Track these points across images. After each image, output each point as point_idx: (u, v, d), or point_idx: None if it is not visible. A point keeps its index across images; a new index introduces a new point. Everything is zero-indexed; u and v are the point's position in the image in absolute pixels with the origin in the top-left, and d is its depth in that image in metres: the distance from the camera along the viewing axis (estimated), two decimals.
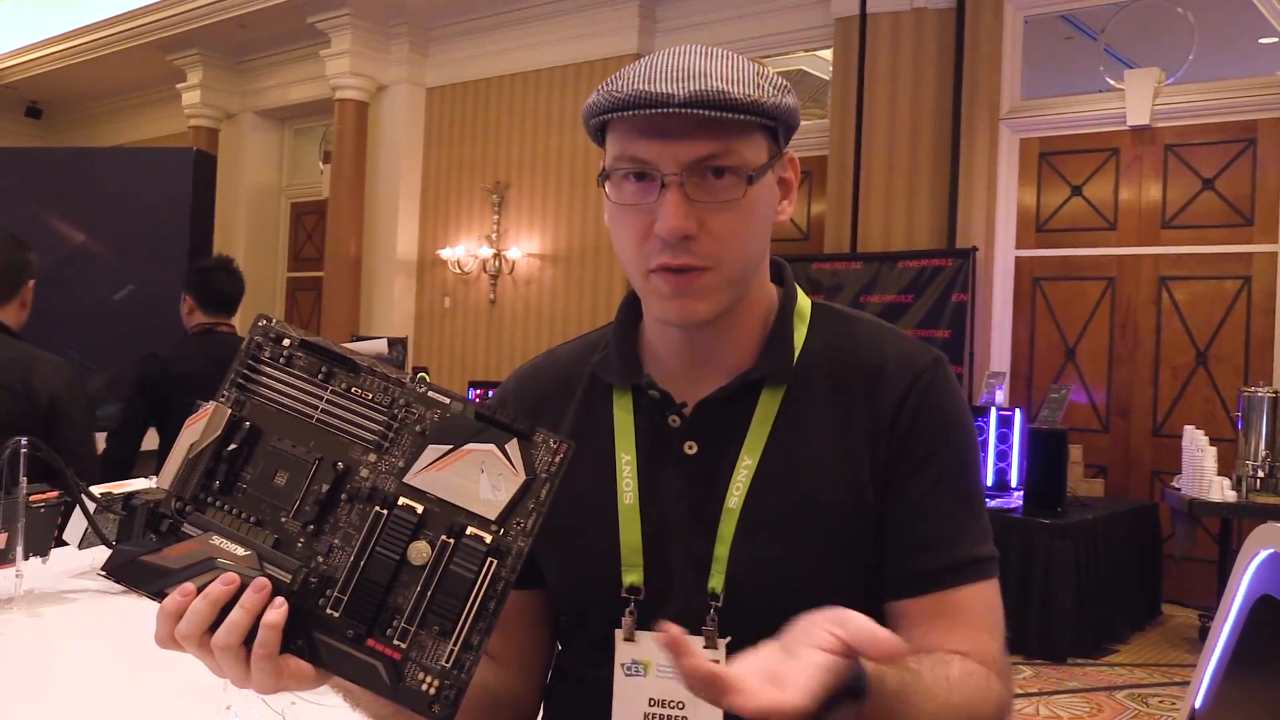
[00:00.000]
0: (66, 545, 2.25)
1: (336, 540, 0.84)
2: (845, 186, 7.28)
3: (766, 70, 1.02)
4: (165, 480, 0.86)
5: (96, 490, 2.15)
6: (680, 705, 1.01)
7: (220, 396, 0.87)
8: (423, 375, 0.88)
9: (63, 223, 7.27)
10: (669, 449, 1.06)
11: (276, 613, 0.80)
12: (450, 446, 0.84)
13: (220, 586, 0.80)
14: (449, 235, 9.44)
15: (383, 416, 0.85)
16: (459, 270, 9.28)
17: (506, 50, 9.09)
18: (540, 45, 8.87)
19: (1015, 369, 6.98)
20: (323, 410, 0.86)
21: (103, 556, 2.18)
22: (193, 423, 0.87)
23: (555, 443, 0.84)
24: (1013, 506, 5.71)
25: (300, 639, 0.82)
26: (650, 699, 1.02)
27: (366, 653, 0.82)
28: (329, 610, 0.82)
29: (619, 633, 1.04)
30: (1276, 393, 5.49)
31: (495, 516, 0.82)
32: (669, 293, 1.00)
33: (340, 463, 0.85)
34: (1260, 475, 5.49)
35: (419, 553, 0.82)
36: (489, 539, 0.82)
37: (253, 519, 0.85)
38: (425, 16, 9.36)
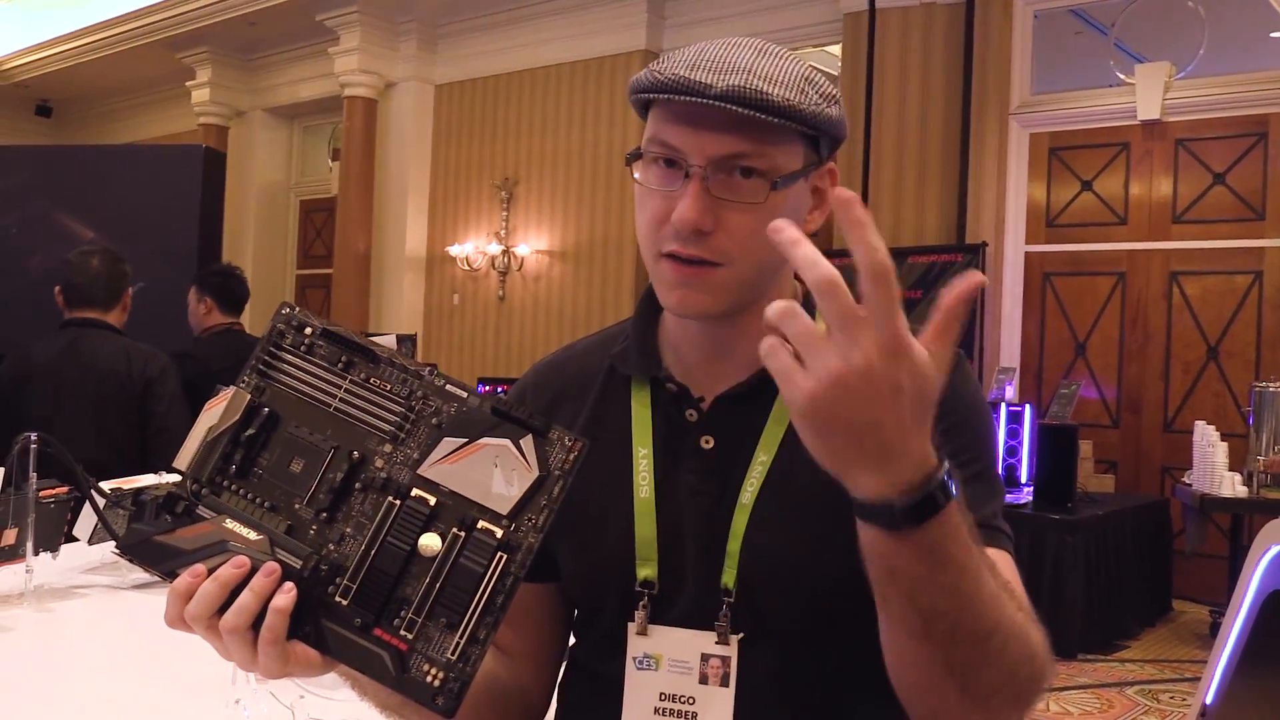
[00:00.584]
0: (76, 541, 2.26)
1: (349, 529, 0.84)
2: (854, 182, 7.26)
3: (818, 77, 1.00)
4: (182, 462, 0.86)
5: (106, 486, 2.16)
6: (690, 700, 1.01)
7: (240, 381, 0.87)
8: (434, 368, 0.88)
9: (72, 220, 7.29)
10: (685, 443, 1.06)
11: (285, 597, 0.80)
12: (465, 440, 0.84)
13: (231, 569, 0.81)
14: (458, 232, 9.44)
15: (400, 408, 0.85)
16: (468, 267, 9.29)
17: (515, 47, 9.09)
18: (549, 42, 8.87)
19: (1025, 364, 6.96)
20: (341, 399, 0.86)
21: (112, 552, 2.19)
22: (212, 406, 0.87)
23: (570, 440, 0.83)
24: (1023, 502, 5.70)
25: (308, 625, 0.82)
26: (661, 693, 1.01)
27: (373, 642, 0.82)
28: (338, 598, 0.83)
29: (632, 626, 1.03)
30: None
31: (507, 511, 0.82)
32: (674, 281, 1.00)
33: (356, 452, 0.85)
34: (1272, 471, 5.46)
35: (429, 544, 0.82)
36: (499, 533, 0.82)
37: (267, 504, 0.85)
38: (434, 13, 9.37)
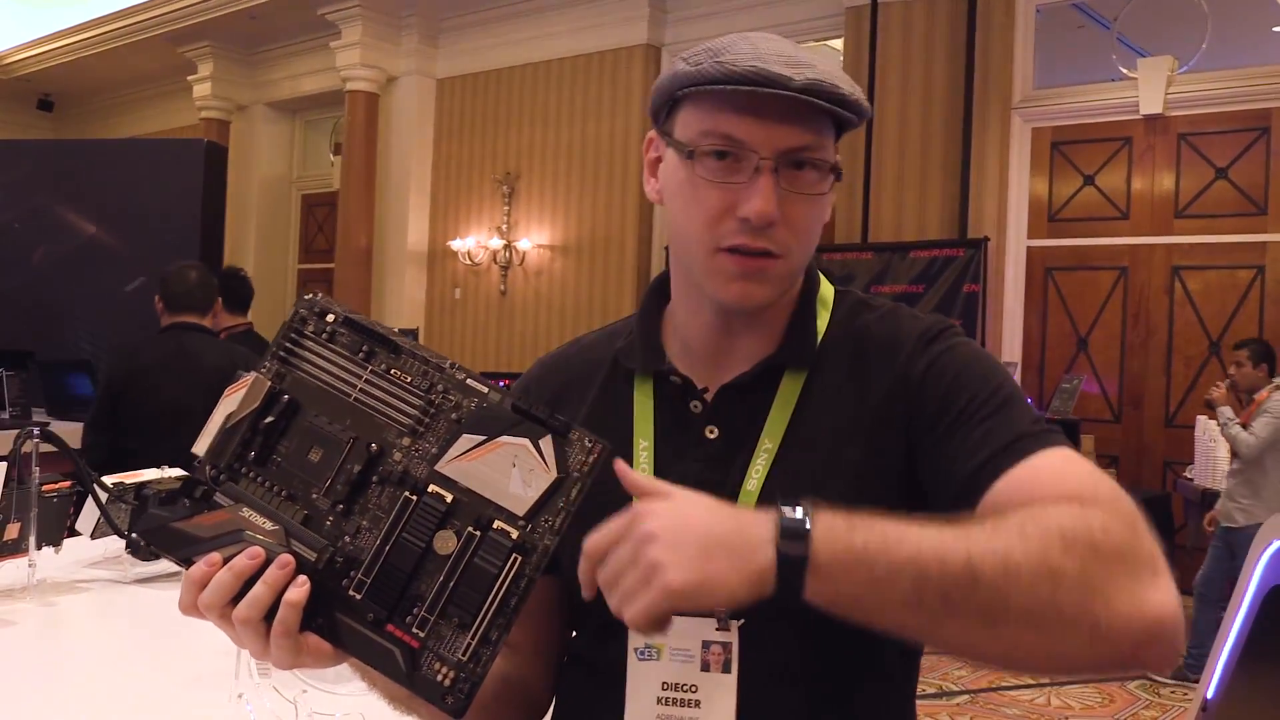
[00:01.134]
0: (79, 535, 2.26)
1: (365, 521, 0.84)
2: (856, 176, 7.25)
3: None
4: (200, 448, 0.86)
5: (109, 480, 2.16)
6: (694, 689, 1.01)
7: (261, 368, 0.87)
8: (455, 362, 0.88)
9: (74, 214, 7.30)
10: (690, 434, 1.06)
11: (298, 591, 0.80)
12: (484, 437, 0.83)
13: (245, 560, 0.81)
14: (459, 226, 9.44)
15: (420, 400, 0.85)
16: (469, 261, 9.28)
17: (517, 41, 9.08)
18: (550, 36, 8.85)
19: (1027, 359, 6.96)
20: (361, 389, 0.86)
21: (115, 546, 2.19)
22: (231, 392, 0.87)
23: (590, 442, 0.83)
24: None
25: (321, 618, 0.82)
26: (664, 683, 1.01)
27: (385, 638, 0.82)
28: (351, 592, 0.82)
29: None
30: None
31: (523, 513, 0.82)
32: (736, 274, 1.00)
33: (374, 444, 0.84)
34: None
35: (444, 542, 0.82)
36: (515, 535, 0.81)
37: (284, 493, 0.85)
38: (435, 7, 9.35)
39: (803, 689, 1.01)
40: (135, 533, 0.86)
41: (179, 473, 2.26)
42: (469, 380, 0.85)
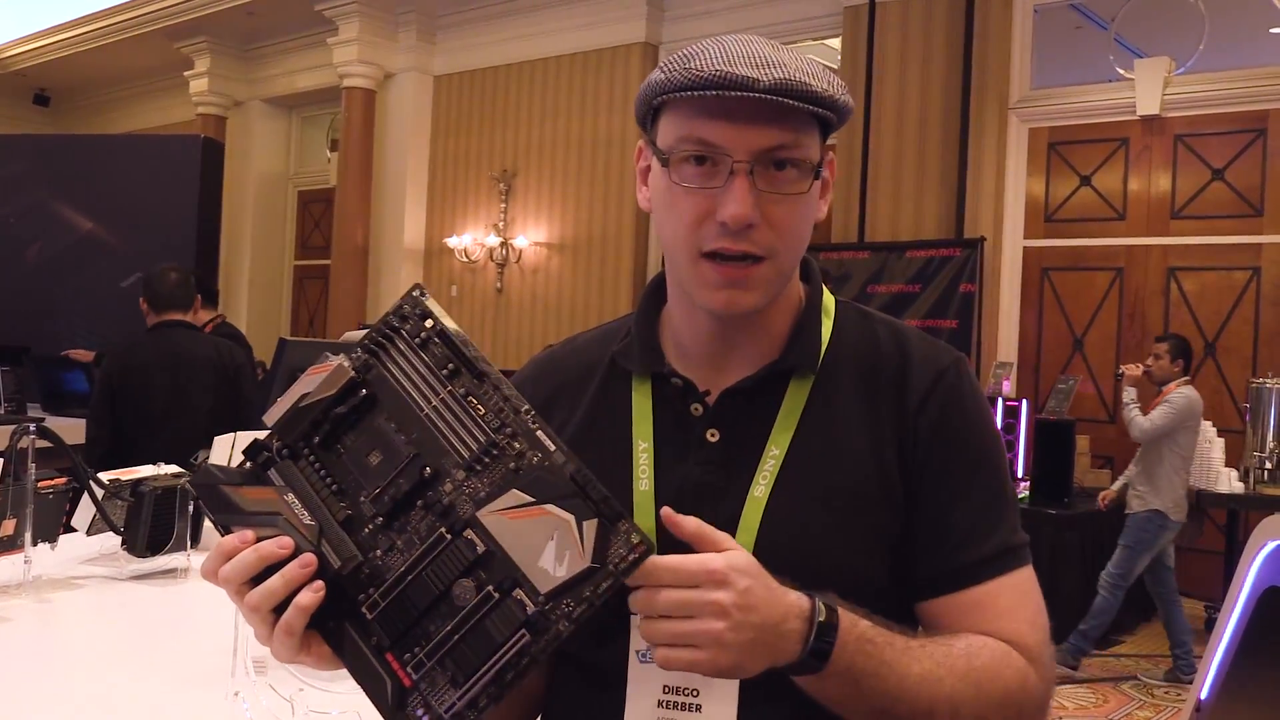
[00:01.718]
0: (75, 531, 2.26)
1: (400, 541, 0.83)
2: (853, 176, 7.25)
3: (827, 68, 1.02)
4: (271, 418, 0.86)
5: (105, 476, 2.16)
6: (695, 692, 1.01)
7: (351, 355, 0.87)
8: (532, 410, 0.88)
9: (71, 210, 7.28)
10: (690, 437, 1.06)
11: (311, 596, 0.81)
12: (533, 500, 0.81)
13: (274, 547, 0.82)
14: (456, 224, 9.43)
15: (486, 438, 0.83)
16: (466, 259, 9.28)
17: (514, 38, 9.07)
18: (548, 34, 8.85)
19: (1023, 359, 6.97)
20: (435, 406, 0.85)
21: (111, 543, 2.19)
22: (314, 373, 0.86)
23: (636, 539, 0.81)
24: (1020, 497, 5.70)
25: (333, 623, 0.82)
26: (665, 686, 1.01)
27: (382, 665, 0.81)
28: (365, 610, 0.82)
29: (635, 619, 1.03)
30: None
31: (545, 591, 0.80)
32: (720, 282, 1.00)
33: (430, 467, 0.83)
34: (1268, 467, 5.47)
35: (463, 591, 0.81)
36: (531, 609, 0.80)
37: (336, 486, 0.85)
38: (433, 4, 9.35)
39: (804, 695, 1.01)
40: (190, 483, 0.87)
41: (175, 469, 2.26)
42: (539, 432, 0.83)
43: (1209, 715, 0.76)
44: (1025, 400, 6.06)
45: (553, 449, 0.82)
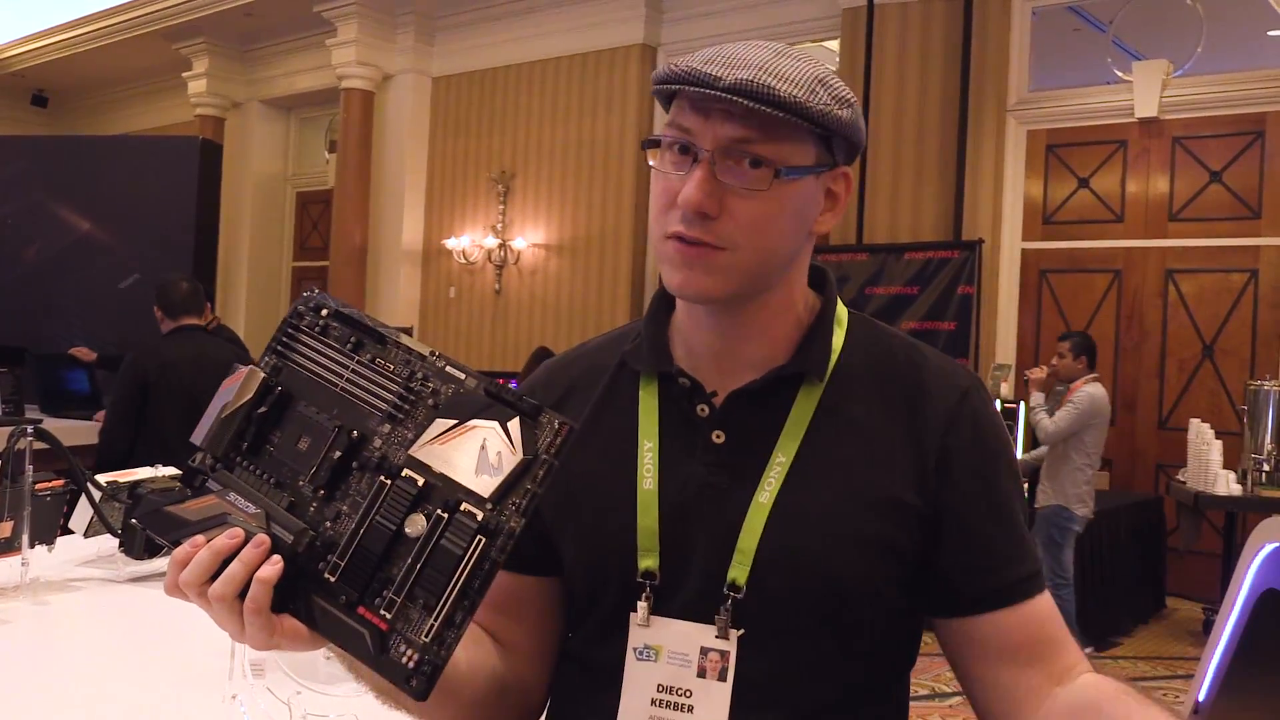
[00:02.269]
0: (72, 534, 2.26)
1: (345, 507, 0.85)
2: (851, 178, 7.25)
3: (834, 81, 1.02)
4: (198, 437, 0.89)
5: (102, 479, 2.16)
6: (688, 693, 1.01)
7: (260, 361, 0.90)
8: (437, 352, 0.90)
9: (68, 211, 7.28)
10: (696, 437, 1.06)
11: (270, 569, 0.82)
12: (456, 421, 0.84)
13: (224, 539, 0.83)
14: (454, 225, 9.43)
15: (400, 388, 0.87)
16: (464, 260, 9.28)
17: (512, 40, 9.07)
18: (546, 35, 8.85)
19: (1021, 361, 6.96)
20: (348, 379, 0.88)
21: (109, 545, 2.19)
22: (229, 384, 0.90)
23: (559, 423, 0.83)
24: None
25: (300, 600, 0.83)
26: (659, 684, 1.02)
27: (356, 620, 0.83)
28: (327, 575, 0.84)
29: (634, 617, 1.04)
30: None
31: (489, 494, 0.83)
32: (677, 261, 1.01)
33: (356, 431, 0.86)
34: (1266, 469, 5.48)
35: (415, 525, 0.83)
36: (480, 516, 0.82)
37: (274, 480, 0.87)
38: (431, 6, 9.35)
39: (797, 704, 1.01)
40: (134, 518, 0.89)
41: (172, 471, 2.26)
42: (449, 368, 0.86)
43: (1207, 717, 0.76)
44: (1023, 402, 6.06)
45: (464, 377, 0.86)
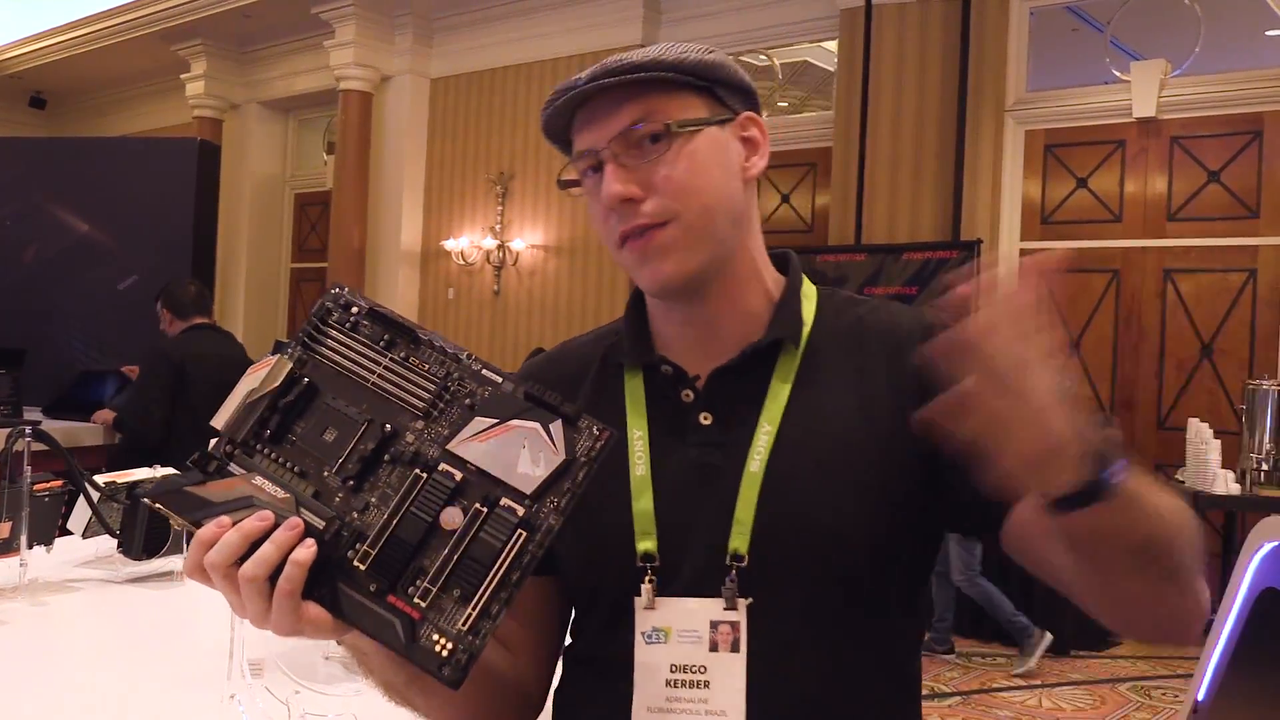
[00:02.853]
0: (70, 534, 2.26)
1: (374, 499, 0.85)
2: (850, 178, 7.26)
3: (712, 53, 1.07)
4: (219, 421, 0.89)
5: (101, 479, 2.16)
6: (702, 669, 1.01)
7: (286, 350, 0.90)
8: (471, 354, 0.91)
9: (67, 213, 7.28)
10: (684, 422, 1.08)
11: (305, 551, 0.82)
12: (496, 420, 0.86)
13: (254, 522, 0.83)
14: (453, 226, 9.43)
15: (435, 387, 0.87)
16: (463, 261, 9.28)
17: (511, 41, 9.07)
18: (545, 36, 8.85)
19: None
20: (379, 375, 0.89)
21: (107, 546, 2.19)
22: (254, 370, 0.89)
23: (598, 430, 0.85)
24: None
25: (324, 588, 0.83)
26: (672, 665, 1.02)
27: (386, 608, 0.83)
28: (356, 563, 0.84)
29: (639, 600, 1.04)
30: None
31: (530, 491, 0.84)
32: (636, 261, 1.05)
33: (388, 425, 0.87)
34: (1265, 469, 5.48)
35: (451, 518, 0.84)
36: (521, 511, 0.83)
37: (297, 469, 0.87)
38: (429, 7, 9.35)
39: (812, 666, 1.02)
40: (148, 496, 0.89)
41: (171, 472, 2.26)
42: (484, 370, 0.88)
43: (1206, 716, 0.76)
44: None
45: (500, 380, 0.87)
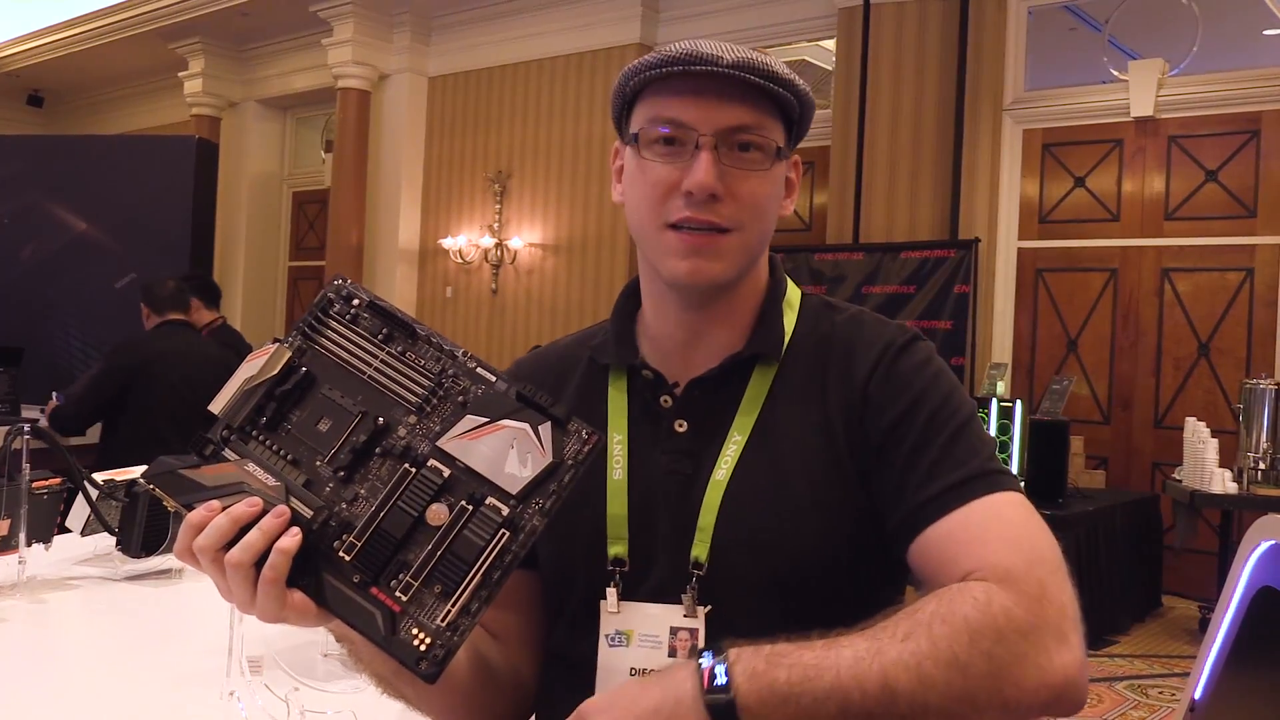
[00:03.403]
0: (69, 532, 2.26)
1: (363, 490, 0.86)
2: (848, 177, 7.26)
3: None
4: (216, 406, 0.90)
5: (99, 477, 2.16)
6: None
7: (286, 340, 0.91)
8: (468, 351, 0.91)
9: (64, 211, 7.27)
10: (660, 428, 1.09)
11: (290, 540, 0.83)
12: (487, 419, 0.86)
13: (243, 507, 0.84)
14: (451, 225, 9.43)
15: (429, 383, 0.88)
16: (461, 260, 9.27)
17: (509, 39, 9.07)
18: (542, 34, 8.85)
19: (1017, 360, 6.98)
20: (376, 368, 0.90)
21: (106, 544, 2.19)
22: (253, 358, 0.90)
23: (587, 433, 0.86)
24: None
25: (310, 576, 0.84)
26: (631, 668, 1.04)
27: (368, 600, 0.84)
28: (341, 554, 0.85)
29: (604, 604, 1.06)
30: (1278, 385, 5.49)
31: (516, 492, 0.85)
32: (684, 250, 1.03)
33: (381, 418, 0.88)
34: (1261, 467, 5.49)
35: (437, 514, 0.85)
36: (506, 511, 0.84)
37: (290, 457, 0.88)
38: (427, 5, 9.34)
39: None
40: (143, 477, 0.89)
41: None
42: (479, 369, 0.89)
43: (1203, 715, 0.76)
44: (1019, 401, 6.07)
45: (494, 379, 0.88)
